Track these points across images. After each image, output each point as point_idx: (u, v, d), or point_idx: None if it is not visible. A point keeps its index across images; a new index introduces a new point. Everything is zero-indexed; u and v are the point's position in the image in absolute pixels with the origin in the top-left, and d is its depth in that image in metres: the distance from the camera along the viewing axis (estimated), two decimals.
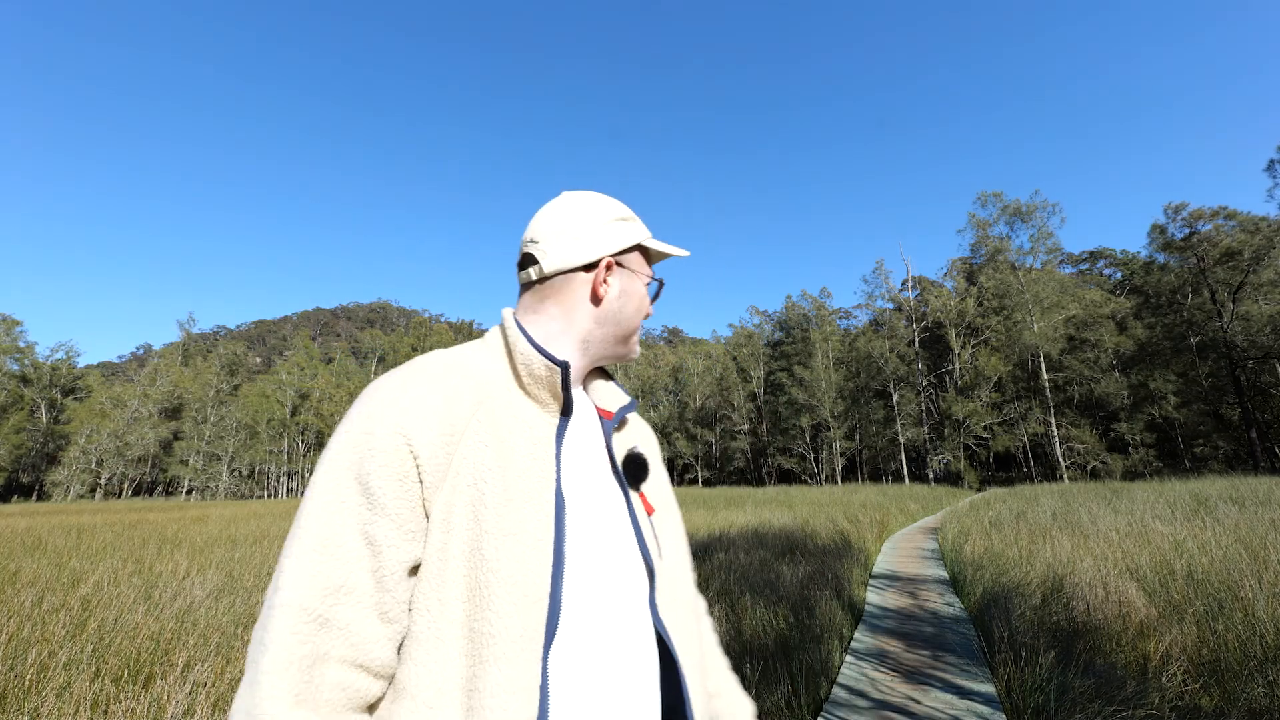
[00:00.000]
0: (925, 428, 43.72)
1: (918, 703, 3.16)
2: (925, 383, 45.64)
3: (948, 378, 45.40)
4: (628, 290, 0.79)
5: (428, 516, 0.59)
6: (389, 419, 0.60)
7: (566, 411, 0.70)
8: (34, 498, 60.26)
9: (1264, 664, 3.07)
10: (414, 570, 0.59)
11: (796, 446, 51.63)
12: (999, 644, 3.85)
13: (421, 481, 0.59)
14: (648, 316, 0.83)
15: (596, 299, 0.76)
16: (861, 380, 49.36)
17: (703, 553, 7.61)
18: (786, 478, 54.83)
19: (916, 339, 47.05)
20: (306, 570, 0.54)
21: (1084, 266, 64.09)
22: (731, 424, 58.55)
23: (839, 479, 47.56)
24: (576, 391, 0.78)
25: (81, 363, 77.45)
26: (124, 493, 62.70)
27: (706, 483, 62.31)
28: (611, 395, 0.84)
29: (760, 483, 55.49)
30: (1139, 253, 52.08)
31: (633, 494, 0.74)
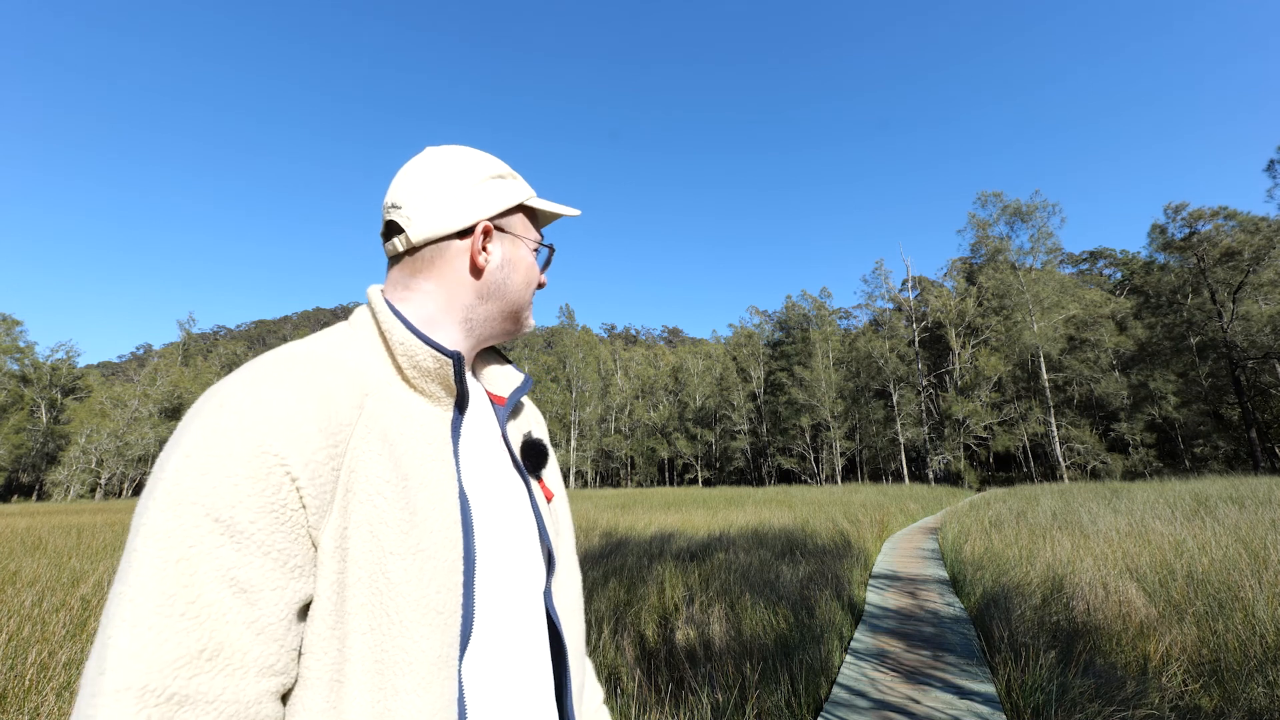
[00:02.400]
0: (925, 428, 43.73)
1: (918, 703, 3.16)
2: (925, 383, 45.64)
3: (948, 378, 45.43)
4: (512, 258, 0.69)
5: (315, 547, 0.49)
6: (250, 436, 0.46)
7: (461, 405, 0.62)
8: (34, 497, 60.30)
9: (1264, 664, 3.07)
10: (304, 610, 0.48)
11: (796, 446, 51.64)
12: (999, 644, 3.86)
13: (305, 507, 0.48)
14: (541, 287, 0.75)
15: (477, 270, 0.65)
16: (861, 380, 49.37)
17: (703, 553, 7.61)
18: (786, 478, 54.85)
19: (916, 339, 47.06)
20: (147, 641, 0.40)
21: (1084, 266, 64.19)
22: (731, 424, 58.55)
23: (839, 479, 47.56)
24: (469, 380, 0.71)
25: (81, 362, 77.59)
26: (124, 492, 62.72)
27: (706, 483, 62.33)
28: (502, 377, 0.76)
29: (760, 483, 55.51)
30: (1139, 253, 52.21)
31: (533, 483, 0.70)
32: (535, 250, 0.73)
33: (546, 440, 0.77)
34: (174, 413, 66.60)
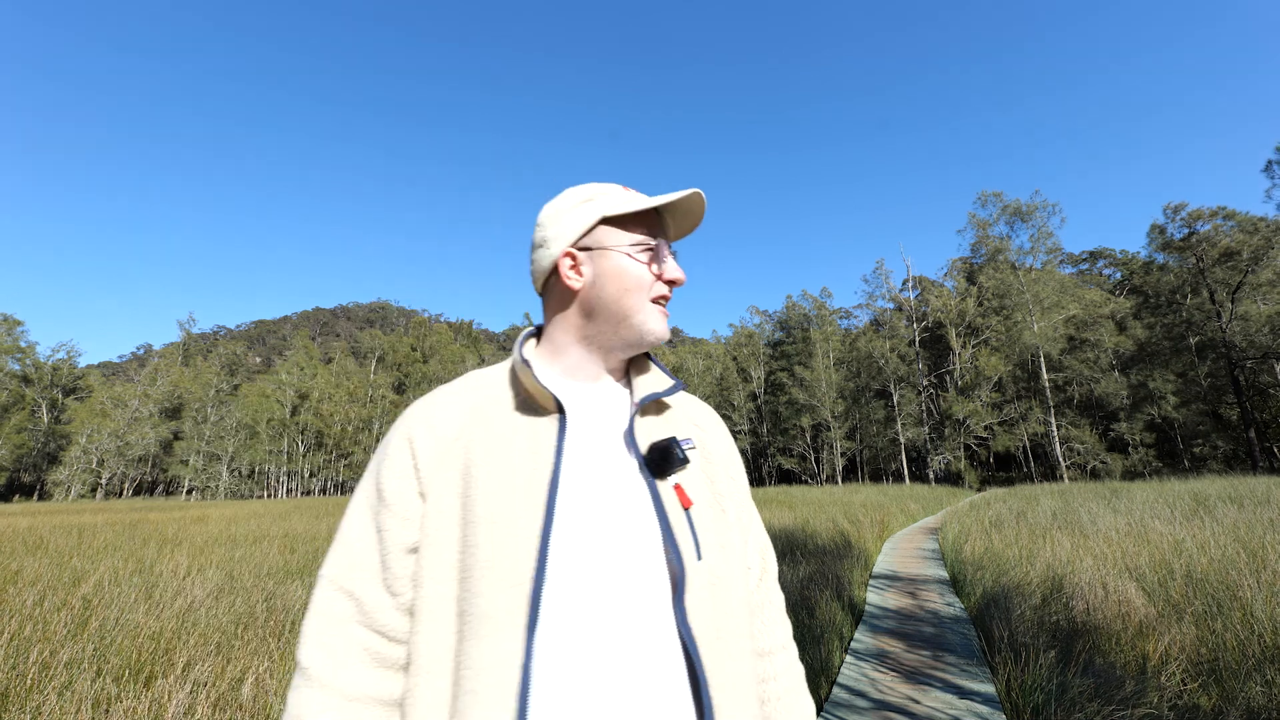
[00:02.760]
0: (925, 428, 43.72)
1: (918, 703, 3.16)
2: (925, 383, 45.63)
3: (948, 378, 45.43)
4: (602, 271, 0.74)
5: (424, 502, 0.68)
6: (402, 428, 0.72)
7: (559, 408, 0.70)
8: (35, 497, 60.30)
9: (1262, 663, 3.08)
10: (414, 551, 0.67)
11: (797, 446, 51.63)
12: (999, 644, 3.86)
13: (418, 474, 0.68)
14: (667, 282, 0.76)
15: (572, 294, 0.75)
16: (862, 380, 49.35)
17: None
18: (787, 478, 54.83)
19: (917, 339, 47.04)
20: (337, 554, 0.68)
21: (1084, 266, 64.15)
22: (732, 424, 58.52)
23: (839, 479, 47.55)
24: (597, 384, 0.77)
25: (82, 363, 77.53)
26: (124, 492, 62.74)
27: None
28: (645, 382, 0.79)
29: (760, 483, 55.50)
30: (1139, 253, 52.20)
31: (661, 485, 0.69)
32: (630, 253, 0.74)
33: (700, 444, 0.78)
34: (174, 413, 66.61)
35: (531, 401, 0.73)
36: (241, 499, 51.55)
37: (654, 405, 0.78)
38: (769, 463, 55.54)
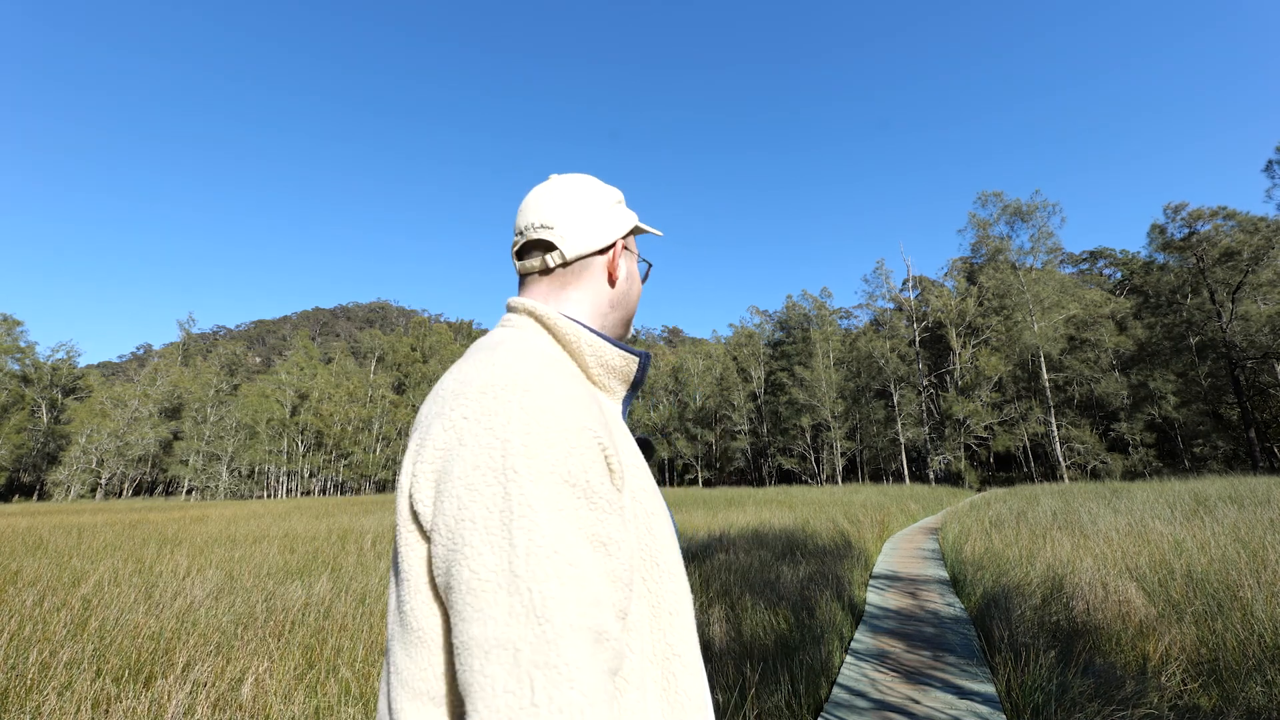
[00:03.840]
0: (926, 428, 43.72)
1: (918, 703, 3.16)
2: (926, 383, 45.64)
3: (948, 378, 45.44)
4: (631, 272, 0.81)
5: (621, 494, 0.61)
6: (570, 417, 0.55)
7: (634, 390, 0.75)
8: (35, 497, 60.30)
9: (1262, 663, 3.08)
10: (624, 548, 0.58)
11: (797, 446, 51.63)
12: (999, 644, 3.86)
13: (611, 470, 0.58)
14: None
15: (612, 281, 0.78)
16: (862, 380, 49.35)
17: (703, 553, 7.61)
18: (787, 478, 54.83)
19: (917, 339, 47.04)
20: (569, 591, 0.48)
21: (1084, 266, 64.14)
22: (732, 424, 58.53)
23: (839, 479, 47.55)
24: None
25: (82, 363, 77.56)
26: (124, 492, 62.74)
27: (706, 483, 62.33)
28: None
29: (760, 483, 55.51)
30: (1139, 253, 52.18)
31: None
32: (641, 264, 0.86)
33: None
34: (174, 413, 66.61)
35: (604, 385, 0.71)
36: (241, 499, 51.56)
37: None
38: (769, 463, 55.54)
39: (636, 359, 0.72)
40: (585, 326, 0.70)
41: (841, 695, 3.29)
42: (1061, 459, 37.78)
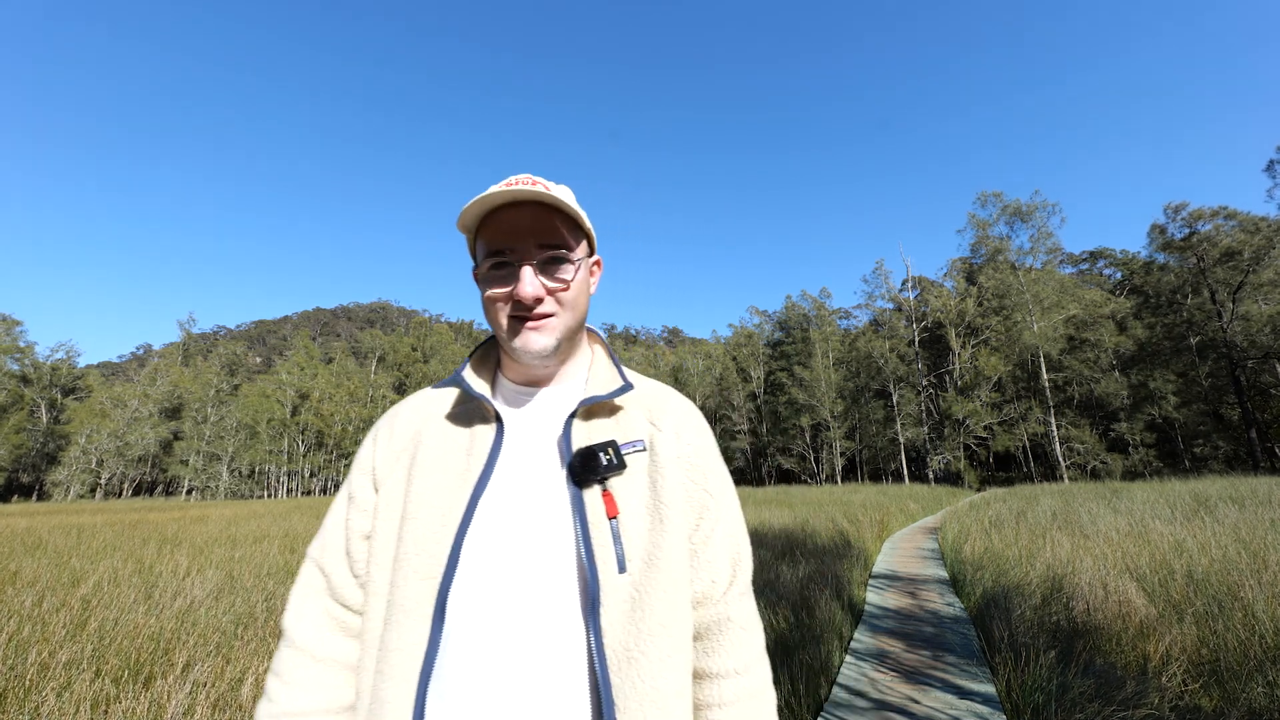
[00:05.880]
0: (925, 428, 43.70)
1: (918, 703, 3.16)
2: (925, 383, 45.62)
3: (948, 378, 45.39)
4: (483, 282, 0.74)
5: (376, 493, 0.75)
6: (373, 429, 0.81)
7: (498, 417, 0.75)
8: (34, 498, 60.26)
9: (1263, 664, 3.07)
10: (368, 539, 0.74)
11: (796, 446, 51.61)
12: (999, 644, 3.86)
13: (375, 470, 0.76)
14: (513, 301, 0.71)
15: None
16: (861, 380, 49.33)
17: None
18: (786, 478, 54.81)
19: (916, 339, 47.03)
20: (319, 535, 0.78)
21: (1084, 266, 64.09)
22: (731, 424, 58.52)
23: (839, 479, 47.53)
24: (552, 388, 0.79)
25: (81, 363, 77.54)
26: (124, 492, 62.71)
27: None
28: (595, 384, 0.78)
29: (760, 483, 55.48)
30: (1139, 253, 52.11)
31: (586, 493, 0.67)
32: (482, 272, 0.74)
33: (645, 445, 0.73)
34: (174, 413, 66.54)
35: (479, 408, 0.77)
36: (241, 499, 51.53)
37: (604, 407, 0.76)
38: (768, 462, 55.52)
39: (490, 406, 0.74)
40: (460, 372, 0.79)
41: (841, 695, 3.29)
42: (1061, 459, 37.76)
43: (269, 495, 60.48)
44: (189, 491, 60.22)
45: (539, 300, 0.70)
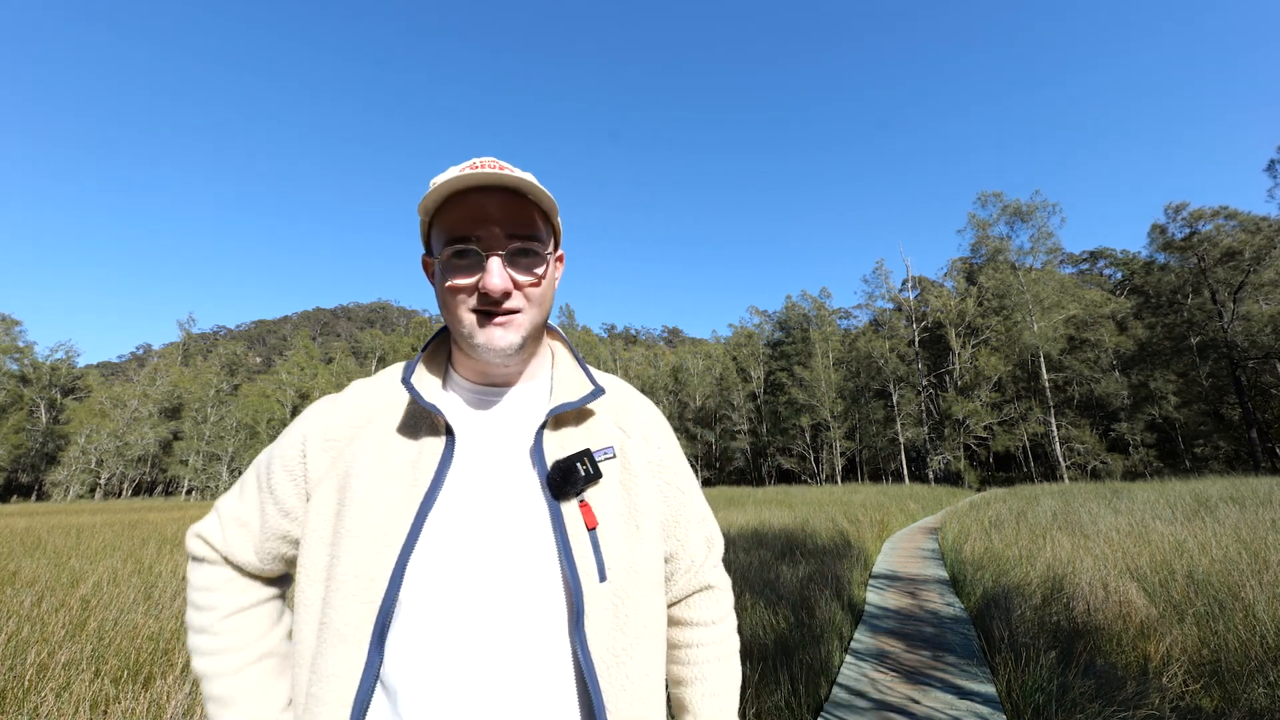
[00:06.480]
0: (925, 428, 43.70)
1: (918, 703, 3.15)
2: (925, 383, 45.62)
3: (948, 378, 45.39)
4: (441, 275, 0.69)
5: (308, 501, 0.69)
6: (299, 426, 0.73)
7: (448, 430, 0.68)
8: (33, 498, 60.26)
9: (1264, 665, 3.07)
10: (286, 539, 0.71)
11: (796, 446, 51.62)
12: (999, 644, 3.85)
13: (306, 477, 0.69)
14: (478, 293, 0.66)
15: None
16: (861, 380, 49.34)
17: None
18: (786, 478, 54.82)
19: (916, 339, 47.04)
20: (233, 498, 0.75)
21: (1084, 266, 64.13)
22: (731, 424, 58.52)
23: (839, 479, 47.53)
24: (513, 389, 0.74)
25: (81, 362, 77.57)
26: (124, 493, 62.69)
27: (706, 483, 62.27)
28: (562, 389, 0.74)
29: (760, 483, 55.48)
30: (1139, 253, 52.10)
31: (564, 506, 0.65)
32: (444, 263, 0.68)
33: (615, 451, 0.72)
34: (174, 413, 66.51)
35: (428, 417, 0.70)
36: None
37: (572, 414, 0.72)
38: (769, 462, 55.52)
39: (441, 417, 0.69)
40: (405, 374, 0.72)
41: (841, 695, 3.28)
42: (1061, 459, 37.75)
43: None
44: (189, 491, 60.23)
45: (507, 294, 0.66)
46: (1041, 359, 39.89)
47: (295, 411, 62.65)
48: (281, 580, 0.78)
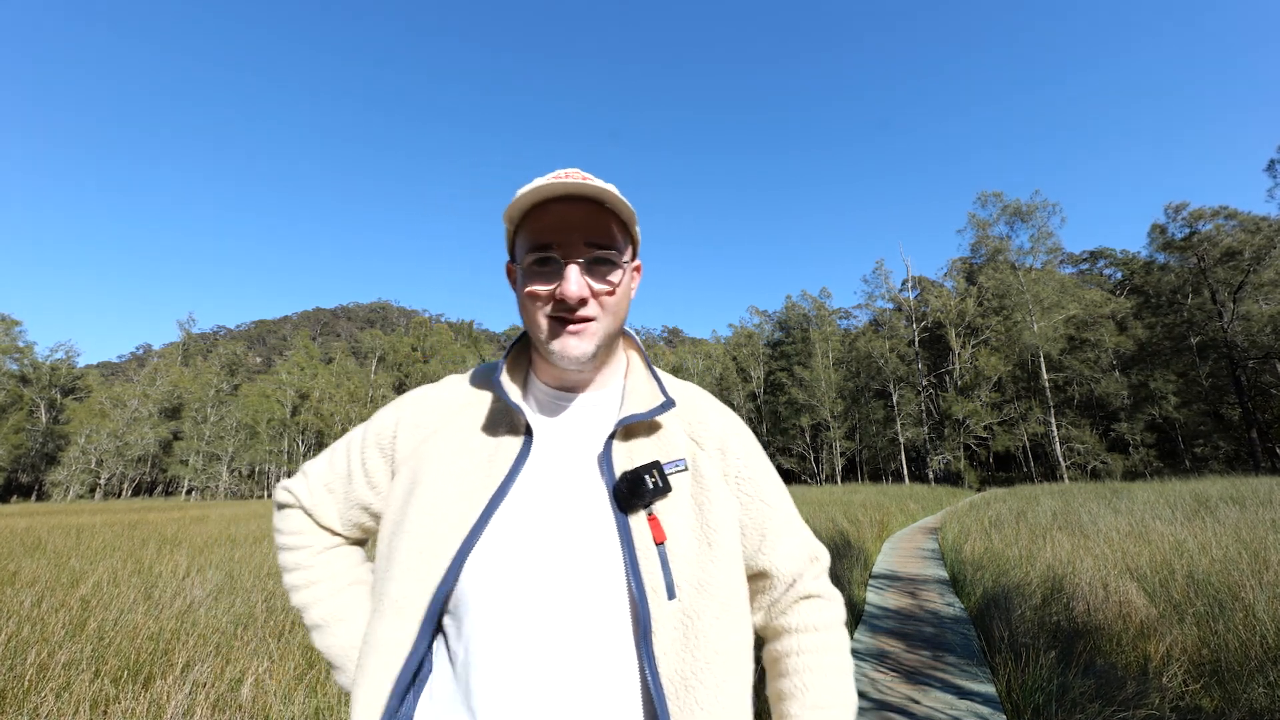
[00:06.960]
0: (925, 428, 43.70)
1: (918, 703, 3.15)
2: (925, 383, 45.63)
3: (948, 378, 45.40)
4: (523, 281, 0.70)
5: (393, 476, 0.75)
6: (394, 409, 0.79)
7: (528, 430, 0.71)
8: (33, 498, 60.25)
9: (1265, 665, 3.07)
10: (368, 510, 0.77)
11: (796, 446, 51.62)
12: (999, 644, 3.85)
13: (395, 454, 0.75)
14: (555, 300, 0.67)
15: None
16: (861, 380, 49.35)
17: None
18: (786, 478, 54.79)
19: (916, 339, 47.04)
20: (322, 465, 0.80)
21: (1084, 266, 64.10)
22: None
23: (839, 479, 47.55)
24: (585, 395, 0.74)
25: (81, 363, 77.59)
26: (124, 493, 62.67)
27: None
28: (633, 400, 0.73)
29: None
30: (1139, 253, 52.12)
31: (632, 518, 0.64)
32: (525, 267, 0.70)
33: (687, 464, 0.70)
34: (174, 413, 66.53)
35: (510, 415, 0.74)
36: (241, 499, 51.54)
37: (643, 425, 0.72)
38: None
39: (522, 416, 0.71)
40: (498, 374, 0.75)
41: None
42: (1061, 459, 37.77)
43: (269, 495, 60.43)
44: (189, 491, 60.22)
45: (583, 302, 0.66)
46: (1041, 359, 39.91)
47: (295, 411, 62.73)
48: (359, 543, 0.84)
